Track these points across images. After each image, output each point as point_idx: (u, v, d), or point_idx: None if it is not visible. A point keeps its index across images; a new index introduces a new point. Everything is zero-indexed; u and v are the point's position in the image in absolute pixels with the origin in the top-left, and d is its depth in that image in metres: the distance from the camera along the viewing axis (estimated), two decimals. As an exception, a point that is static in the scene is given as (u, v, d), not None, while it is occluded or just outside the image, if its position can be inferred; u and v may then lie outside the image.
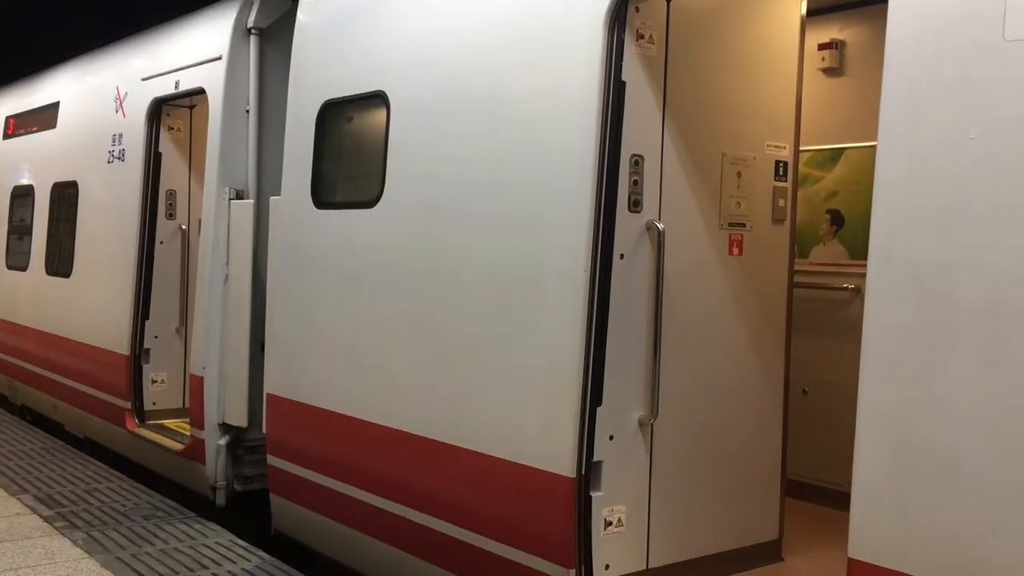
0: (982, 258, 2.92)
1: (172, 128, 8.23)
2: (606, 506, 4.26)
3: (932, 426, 2.99)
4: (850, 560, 3.17)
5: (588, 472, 4.17)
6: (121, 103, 8.46)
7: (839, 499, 3.34)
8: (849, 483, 3.19)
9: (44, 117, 10.26)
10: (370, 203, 5.38)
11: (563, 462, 4.17)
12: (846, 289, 6.09)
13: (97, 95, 8.99)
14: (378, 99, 5.39)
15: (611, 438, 4.27)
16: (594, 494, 4.20)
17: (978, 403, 2.90)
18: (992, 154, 2.91)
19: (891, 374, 3.11)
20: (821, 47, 6.34)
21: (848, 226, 6.24)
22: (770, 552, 5.01)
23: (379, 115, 5.40)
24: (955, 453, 2.94)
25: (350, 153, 5.91)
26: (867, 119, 4.46)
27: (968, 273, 2.95)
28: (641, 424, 4.44)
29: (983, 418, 2.88)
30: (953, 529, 2.92)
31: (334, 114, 5.81)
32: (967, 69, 2.98)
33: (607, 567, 4.26)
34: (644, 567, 4.48)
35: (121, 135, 8.38)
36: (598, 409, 4.17)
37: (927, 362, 3.02)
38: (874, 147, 3.23)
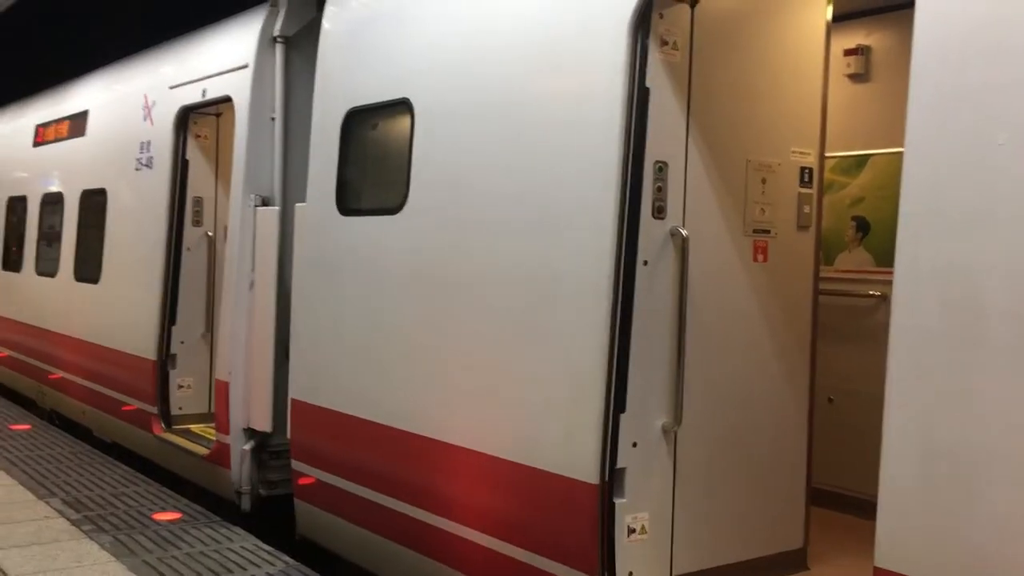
0: (1009, 263, 2.89)
1: (199, 136, 8.32)
2: (629, 513, 4.24)
3: (960, 433, 2.96)
4: (876, 569, 3.14)
5: (611, 479, 4.16)
6: (149, 111, 8.55)
7: (865, 508, 3.31)
8: (875, 492, 3.17)
9: (73, 125, 10.39)
10: (394, 209, 5.41)
11: (586, 469, 4.17)
12: (872, 296, 6.04)
13: (125, 103, 9.09)
14: (403, 106, 5.42)
15: (634, 445, 4.26)
16: (617, 501, 4.19)
17: (1007, 409, 2.86)
18: (1020, 158, 2.88)
19: (918, 380, 3.08)
20: (847, 53, 6.30)
21: (874, 233, 6.19)
22: (795, 561, 4.97)
23: (403, 122, 5.42)
24: (984, 460, 2.91)
25: (375, 160, 5.94)
26: (893, 125, 4.41)
27: (995, 278, 2.92)
28: (665, 431, 4.42)
29: (1012, 424, 2.85)
30: (982, 538, 2.89)
31: (359, 121, 5.84)
32: (994, 73, 2.96)
33: (630, 574, 4.24)
34: (668, 575, 4.46)
35: (149, 143, 8.47)
36: (621, 416, 4.16)
37: (955, 368, 2.99)
38: (900, 153, 3.21)
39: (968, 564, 2.92)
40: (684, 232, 4.39)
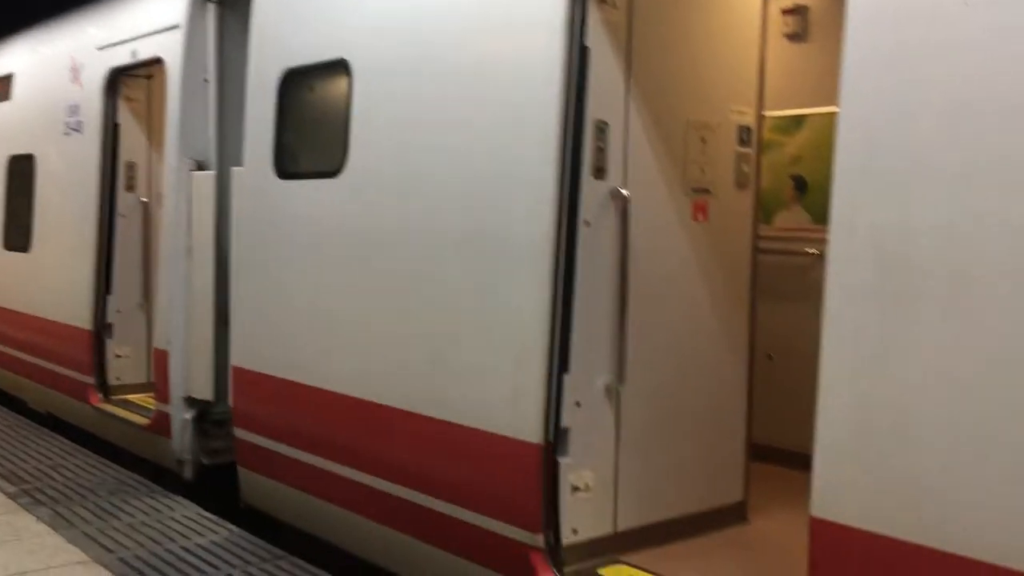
0: (941, 220, 2.95)
1: (130, 99, 8.09)
2: (573, 472, 4.28)
3: (892, 387, 3.03)
4: (812, 519, 3.22)
5: (556, 439, 4.19)
6: (77, 74, 8.29)
7: (803, 462, 3.40)
8: (812, 446, 3.24)
9: None
10: (334, 172, 5.33)
11: (530, 429, 4.19)
12: (810, 254, 6.14)
13: (52, 66, 8.80)
14: (340, 67, 5.32)
15: (578, 404, 4.29)
16: (561, 460, 4.22)
17: (937, 363, 2.94)
18: (952, 117, 2.93)
19: (852, 336, 3.14)
20: (785, 12, 6.34)
21: (811, 191, 6.28)
22: (735, 514, 5.08)
23: (341, 83, 5.33)
24: (914, 412, 2.98)
25: (313, 122, 5.84)
26: (830, 85, 4.46)
27: (927, 235, 2.98)
28: (608, 390, 4.46)
29: (942, 377, 2.92)
30: (912, 486, 2.98)
31: (296, 83, 5.73)
32: (927, 33, 3.00)
33: (575, 531, 4.30)
34: (612, 530, 4.53)
35: (78, 106, 8.22)
36: (565, 376, 4.18)
37: (887, 324, 3.05)
38: (837, 112, 3.24)
39: (899, 513, 3.01)
40: (625, 192, 4.40)
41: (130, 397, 7.94)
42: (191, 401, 6.77)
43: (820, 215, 6.16)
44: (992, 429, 2.81)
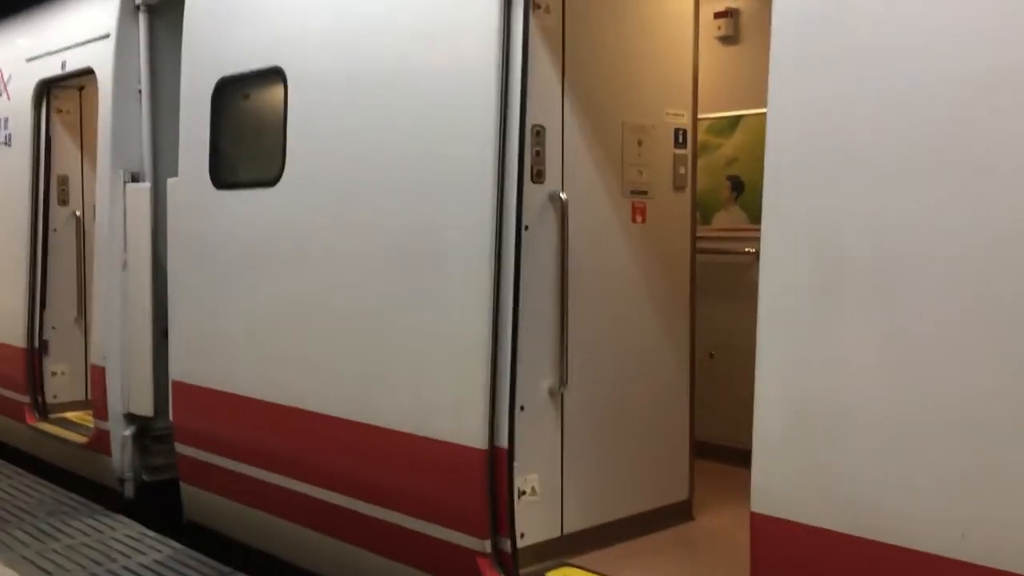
0: (867, 215, 3.02)
1: (61, 111, 7.92)
2: (519, 475, 4.29)
3: (826, 380, 3.09)
4: (753, 514, 3.26)
5: (500, 443, 4.18)
6: (5, 85, 8.09)
7: (745, 458, 3.45)
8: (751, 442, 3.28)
9: None
10: (271, 181, 5.27)
11: (474, 435, 4.18)
12: (748, 253, 6.23)
13: (-21, 77, 8.57)
14: (275, 75, 5.27)
15: (522, 408, 4.29)
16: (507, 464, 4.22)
17: (868, 356, 3.00)
18: (877, 116, 3.00)
19: (786, 331, 3.20)
20: (717, 15, 6.43)
21: (748, 192, 6.37)
22: (681, 512, 5.12)
23: (277, 91, 5.28)
24: (849, 406, 3.04)
25: (249, 131, 5.77)
26: (763, 86, 4.53)
27: (854, 230, 3.04)
28: (551, 393, 4.48)
29: (874, 370, 2.99)
30: (848, 479, 3.03)
31: (230, 91, 5.66)
32: (851, 35, 3.06)
33: (522, 535, 4.30)
34: (559, 533, 4.54)
35: (7, 119, 8.02)
36: (508, 381, 4.18)
37: (819, 318, 3.11)
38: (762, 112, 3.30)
39: (837, 504, 3.06)
40: (563, 196, 4.42)
41: (68, 415, 7.76)
42: (131, 417, 6.64)
43: (756, 214, 6.21)
44: (923, 419, 2.88)
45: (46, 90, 7.63)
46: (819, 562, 3.10)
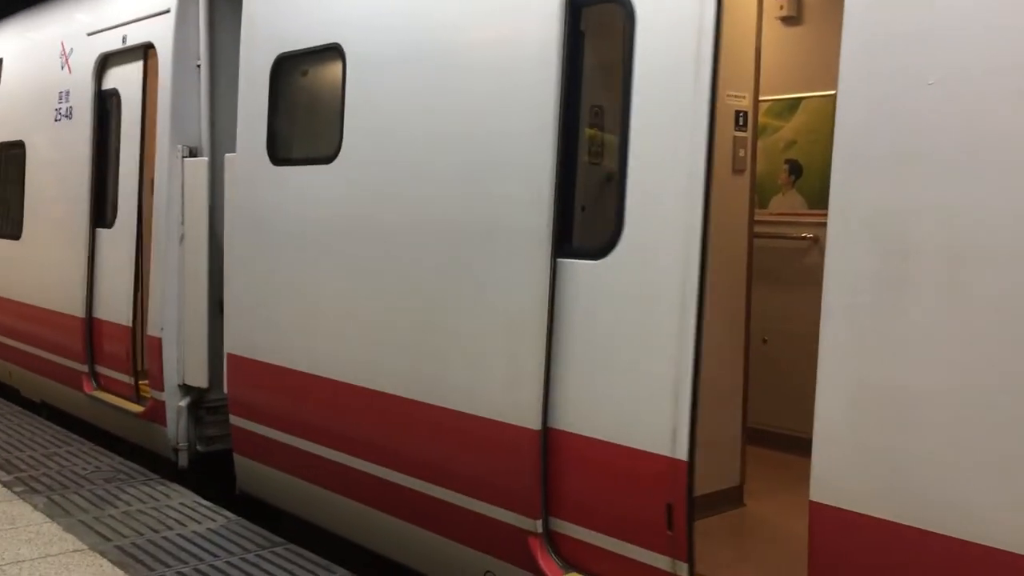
0: (936, 204, 2.95)
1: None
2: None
3: (890, 369, 3.04)
4: (812, 503, 3.22)
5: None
6: (67, 59, 8.21)
7: (800, 446, 3.40)
8: (809, 430, 3.24)
9: None
10: (328, 158, 5.30)
11: (528, 416, 4.19)
12: (805, 238, 6.14)
13: (42, 51, 8.72)
14: (333, 52, 5.29)
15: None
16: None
17: (934, 345, 2.94)
18: (948, 99, 2.92)
19: (851, 320, 3.14)
20: (780, -5, 6.32)
21: (806, 176, 6.27)
22: (732, 498, 5.09)
23: (335, 68, 5.29)
24: (913, 396, 2.99)
25: (306, 108, 5.80)
26: (825, 68, 4.45)
27: (925, 219, 2.98)
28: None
29: (939, 360, 2.93)
30: (911, 469, 2.98)
31: (289, 68, 5.69)
32: (925, 15, 2.98)
33: None
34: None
35: (68, 92, 8.15)
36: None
37: (885, 307, 3.05)
38: (832, 96, 3.23)
39: (898, 496, 3.01)
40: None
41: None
42: (185, 388, 6.75)
43: (814, 199, 6.16)
44: (991, 410, 2.82)
45: (106, 63, 7.72)
46: (881, 554, 3.06)
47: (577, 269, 4.08)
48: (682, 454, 3.71)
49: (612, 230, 3.95)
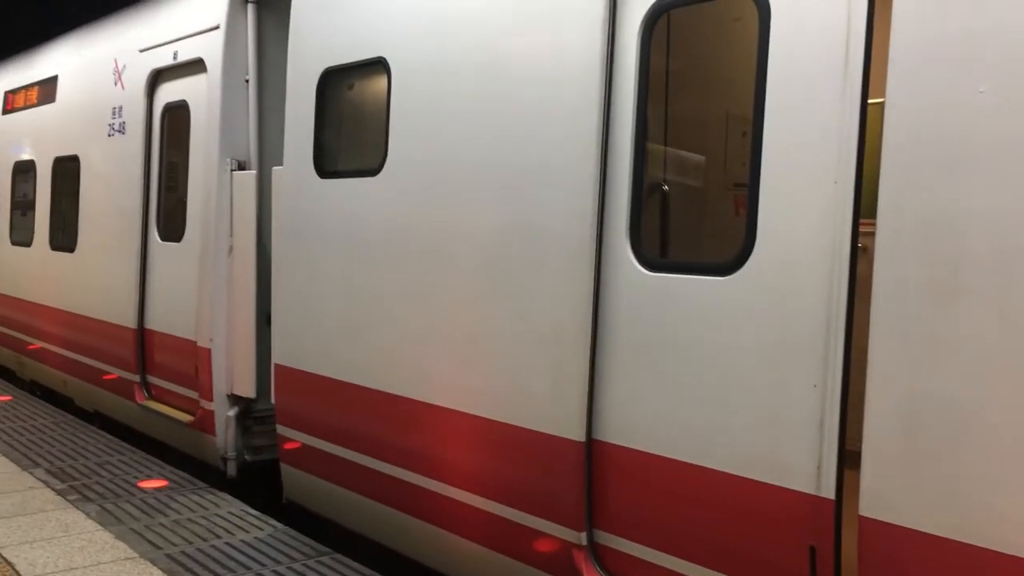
0: (986, 212, 2.89)
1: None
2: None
3: (942, 382, 2.98)
4: (861, 518, 3.17)
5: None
6: (120, 75, 8.40)
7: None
8: (858, 443, 3.19)
9: (43, 91, 10.20)
10: (374, 171, 5.35)
11: (572, 427, 4.18)
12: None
13: (95, 68, 8.93)
14: (379, 65, 5.34)
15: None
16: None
17: (987, 358, 2.88)
18: (1000, 106, 2.87)
19: (901, 330, 3.09)
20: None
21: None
22: None
23: (380, 82, 5.35)
24: (966, 409, 2.93)
25: (352, 121, 5.87)
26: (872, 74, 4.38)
27: (976, 228, 2.92)
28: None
29: (992, 372, 2.87)
30: (964, 486, 2.92)
31: (335, 82, 5.76)
32: (973, 20, 2.94)
33: None
34: (654, 529, 4.50)
35: (121, 108, 8.33)
36: (606, 373, 4.15)
37: (936, 318, 3.00)
38: (881, 104, 3.19)
39: (953, 513, 2.95)
40: (665, 187, 4.37)
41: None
42: (234, 398, 6.84)
43: (864, 207, 6.05)
44: (1047, 427, 2.75)
45: (158, 79, 7.88)
46: (930, 570, 2.99)
47: (693, 286, 3.76)
48: (828, 492, 3.36)
49: (741, 245, 3.63)
